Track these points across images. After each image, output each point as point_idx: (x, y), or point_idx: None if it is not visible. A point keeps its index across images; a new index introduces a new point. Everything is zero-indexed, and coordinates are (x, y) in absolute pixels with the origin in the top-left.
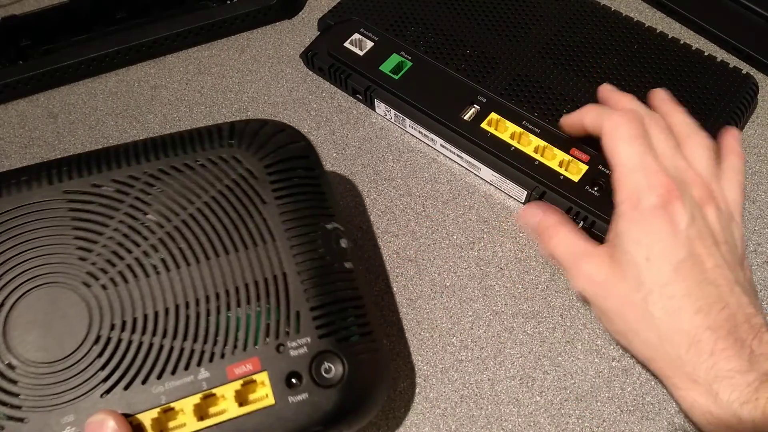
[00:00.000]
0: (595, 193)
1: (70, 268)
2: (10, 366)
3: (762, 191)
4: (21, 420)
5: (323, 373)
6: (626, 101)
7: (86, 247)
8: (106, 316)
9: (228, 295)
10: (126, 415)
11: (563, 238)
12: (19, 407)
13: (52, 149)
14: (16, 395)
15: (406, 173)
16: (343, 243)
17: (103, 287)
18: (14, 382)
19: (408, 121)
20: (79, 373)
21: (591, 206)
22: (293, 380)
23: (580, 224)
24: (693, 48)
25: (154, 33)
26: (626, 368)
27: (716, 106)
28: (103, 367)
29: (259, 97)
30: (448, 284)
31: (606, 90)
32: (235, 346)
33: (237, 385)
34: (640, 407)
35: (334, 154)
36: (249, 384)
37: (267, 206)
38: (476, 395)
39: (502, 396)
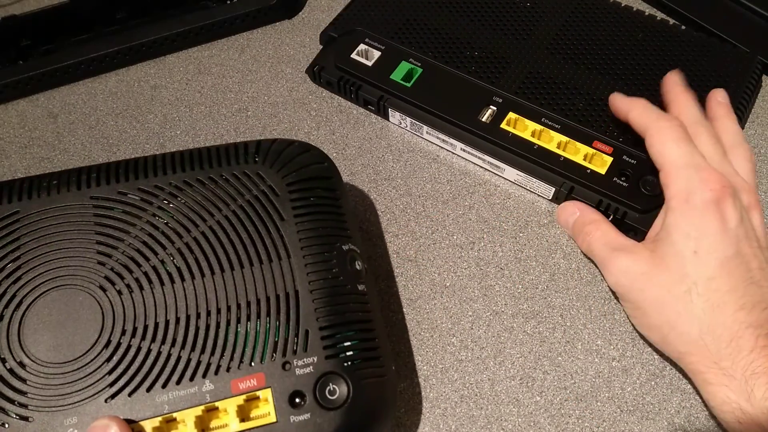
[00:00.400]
0: (624, 184)
1: (88, 271)
2: (22, 364)
3: (762, 191)
4: (26, 419)
5: (327, 395)
6: (684, 102)
7: (106, 252)
8: (119, 321)
9: (239, 309)
10: (128, 422)
11: (603, 234)
12: (25, 406)
13: (52, 149)
14: (24, 394)
15: (406, 173)
16: (358, 265)
17: (119, 293)
18: (24, 380)
19: (425, 128)
20: (86, 376)
21: (621, 197)
22: (297, 399)
23: (611, 217)
24: (695, 32)
25: (154, 33)
26: (626, 368)
27: (724, 87)
28: (110, 372)
29: (259, 97)
30: (448, 284)
31: (671, 82)
32: (241, 361)
33: (240, 399)
34: (640, 407)
35: (334, 154)
36: (252, 400)
37: (285, 223)
38: (476, 395)
39: (502, 396)
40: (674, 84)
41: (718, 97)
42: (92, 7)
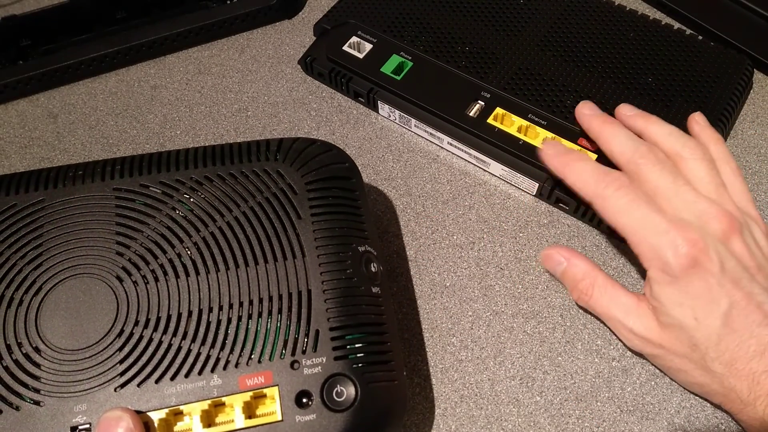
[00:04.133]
0: None
1: (106, 261)
2: (37, 350)
3: (762, 191)
4: (38, 403)
5: (334, 396)
6: (615, 132)
7: (125, 243)
8: (132, 311)
9: (251, 305)
10: (136, 412)
11: (601, 294)
12: (38, 391)
13: (52, 149)
14: (38, 378)
15: (406, 173)
16: (374, 267)
17: (134, 283)
18: (38, 365)
19: (413, 121)
20: (98, 364)
21: None
22: (303, 399)
23: (593, 213)
24: (687, 33)
25: (154, 33)
26: (626, 368)
27: (714, 88)
28: (121, 362)
29: (259, 97)
30: (448, 284)
31: (627, 111)
32: (250, 357)
33: (247, 396)
34: (640, 407)
35: None
36: (259, 397)
37: (302, 222)
38: (476, 395)
39: (502, 396)
40: (632, 112)
41: (697, 118)
42: (92, 7)
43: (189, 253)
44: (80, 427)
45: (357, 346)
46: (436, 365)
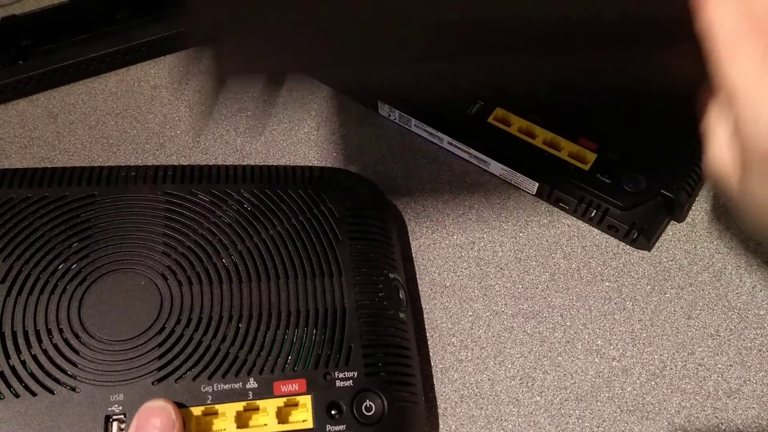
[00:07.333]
0: (607, 181)
1: (152, 259)
2: (77, 336)
3: None
4: (73, 389)
5: (363, 410)
6: None
7: (171, 244)
8: (175, 310)
9: (289, 316)
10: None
11: None
12: (74, 377)
13: (52, 149)
14: (75, 365)
15: (406, 173)
16: (401, 294)
17: (179, 283)
18: (77, 352)
19: (413, 120)
20: (137, 357)
21: (604, 194)
22: (333, 411)
23: (594, 212)
24: None
25: (154, 33)
26: (626, 368)
27: None
28: (160, 357)
29: (259, 96)
30: (448, 284)
31: None
32: (285, 365)
33: (280, 402)
34: (640, 407)
35: (334, 154)
36: (291, 405)
37: (340, 244)
38: (476, 395)
39: (502, 396)
40: None
41: None
42: (92, 7)
43: (233, 260)
44: (114, 417)
45: (386, 365)
46: (436, 365)
